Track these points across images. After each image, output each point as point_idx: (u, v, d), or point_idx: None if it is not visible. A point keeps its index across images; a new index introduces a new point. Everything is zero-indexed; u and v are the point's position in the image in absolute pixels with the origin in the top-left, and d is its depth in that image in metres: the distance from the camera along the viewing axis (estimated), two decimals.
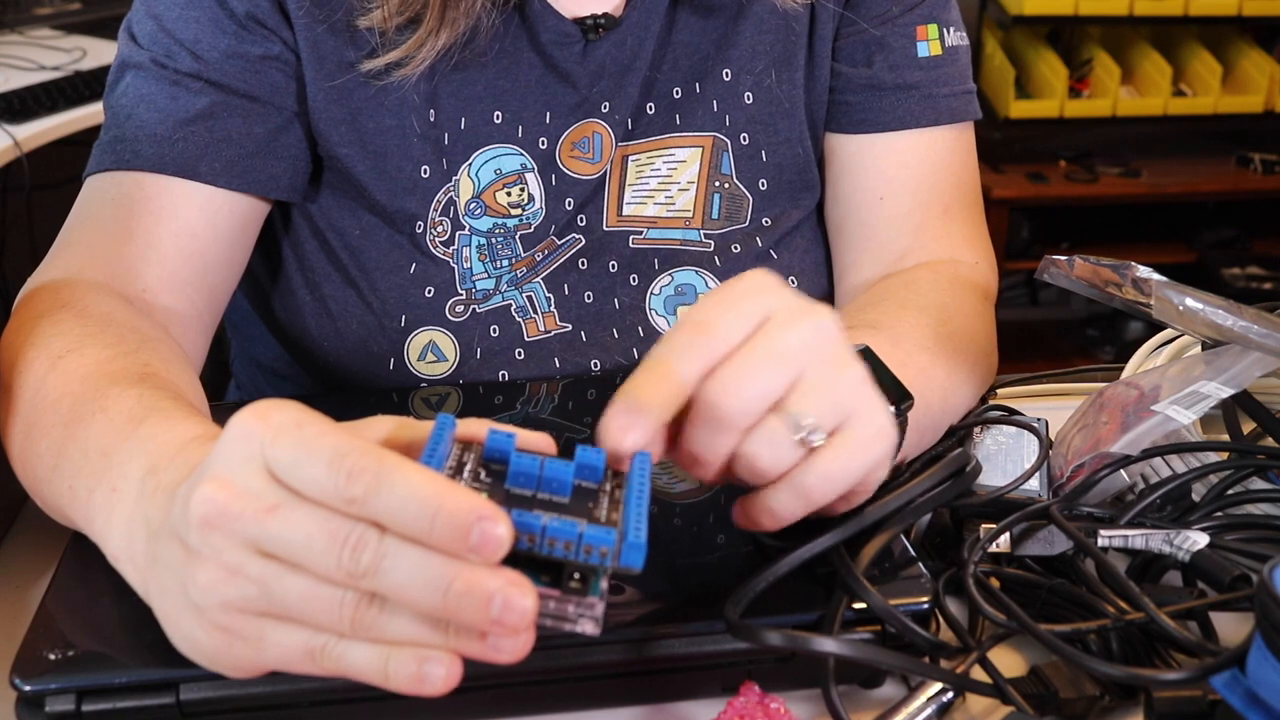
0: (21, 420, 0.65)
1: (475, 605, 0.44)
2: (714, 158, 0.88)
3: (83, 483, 0.58)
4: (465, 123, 0.84)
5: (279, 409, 0.47)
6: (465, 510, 0.44)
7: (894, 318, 0.77)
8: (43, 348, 0.67)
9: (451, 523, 0.44)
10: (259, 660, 0.47)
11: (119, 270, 0.77)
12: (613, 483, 0.52)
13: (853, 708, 0.57)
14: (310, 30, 0.81)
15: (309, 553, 0.45)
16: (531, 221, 0.86)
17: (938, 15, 0.90)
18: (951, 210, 0.90)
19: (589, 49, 0.84)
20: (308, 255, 0.87)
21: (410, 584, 0.44)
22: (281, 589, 0.46)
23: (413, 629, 0.45)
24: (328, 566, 0.45)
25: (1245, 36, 3.28)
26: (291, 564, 0.45)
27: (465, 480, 0.50)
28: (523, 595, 0.44)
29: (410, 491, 0.44)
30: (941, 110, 0.89)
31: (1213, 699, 0.52)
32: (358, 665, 0.46)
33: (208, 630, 0.47)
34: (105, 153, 0.80)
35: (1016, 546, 0.64)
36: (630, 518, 0.49)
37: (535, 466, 0.50)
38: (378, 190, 0.84)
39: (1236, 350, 0.69)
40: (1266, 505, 0.68)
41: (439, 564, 0.44)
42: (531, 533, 0.47)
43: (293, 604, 0.46)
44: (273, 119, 0.82)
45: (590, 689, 0.57)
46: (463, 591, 0.44)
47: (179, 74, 0.80)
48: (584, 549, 0.47)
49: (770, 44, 0.88)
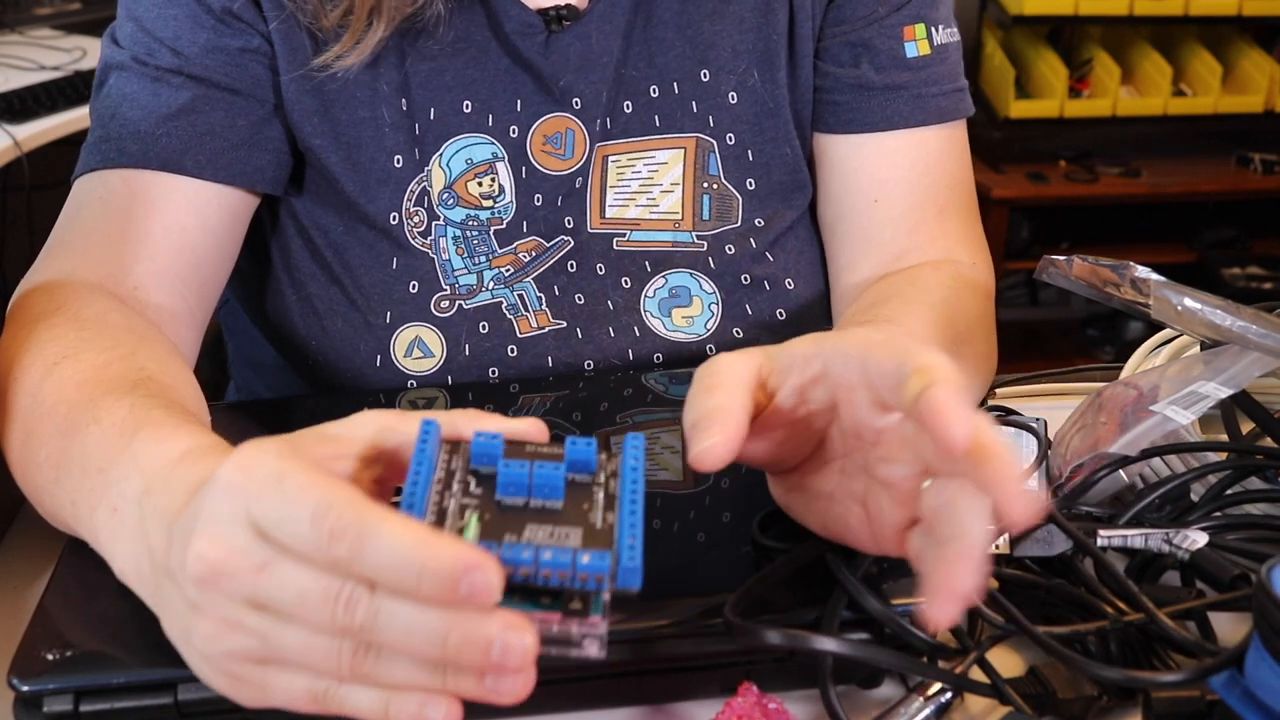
0: (20, 428, 0.65)
1: (474, 652, 0.44)
2: (700, 159, 0.88)
3: (84, 499, 0.58)
4: (435, 112, 0.84)
5: (260, 460, 0.46)
6: (451, 562, 0.43)
7: (904, 314, 0.77)
8: (38, 354, 0.66)
9: (439, 576, 0.43)
10: (266, 701, 0.48)
11: (110, 269, 0.77)
12: (607, 471, 0.51)
13: (851, 708, 0.57)
14: (282, 24, 0.81)
15: (303, 609, 0.45)
16: (503, 216, 0.86)
17: (925, 14, 0.89)
18: (946, 210, 0.89)
19: (552, 40, 0.84)
20: (293, 255, 0.87)
21: (408, 639, 0.45)
22: (279, 640, 0.46)
23: (411, 674, 0.46)
24: (322, 621, 0.45)
25: (1245, 36, 3.28)
26: (288, 616, 0.46)
27: (455, 494, 0.49)
28: (521, 636, 0.44)
29: (394, 548, 0.44)
30: (930, 110, 0.89)
31: (1211, 699, 0.52)
32: (360, 708, 0.47)
33: (214, 673, 0.48)
34: (91, 153, 0.81)
35: (1015, 547, 0.64)
36: (624, 534, 0.48)
37: (524, 475, 0.49)
38: (350, 181, 0.84)
39: (1235, 350, 0.69)
40: (1265, 505, 0.68)
41: (433, 617, 0.44)
42: (524, 566, 0.46)
43: (291, 653, 0.46)
44: (255, 111, 0.82)
45: (589, 689, 0.57)
46: (461, 642, 0.44)
47: (160, 70, 0.80)
48: (579, 577, 0.47)
49: (752, 43, 0.87)
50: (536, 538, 0.48)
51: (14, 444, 0.65)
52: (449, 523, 0.48)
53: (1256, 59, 3.22)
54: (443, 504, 0.49)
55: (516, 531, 0.48)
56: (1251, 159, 3.31)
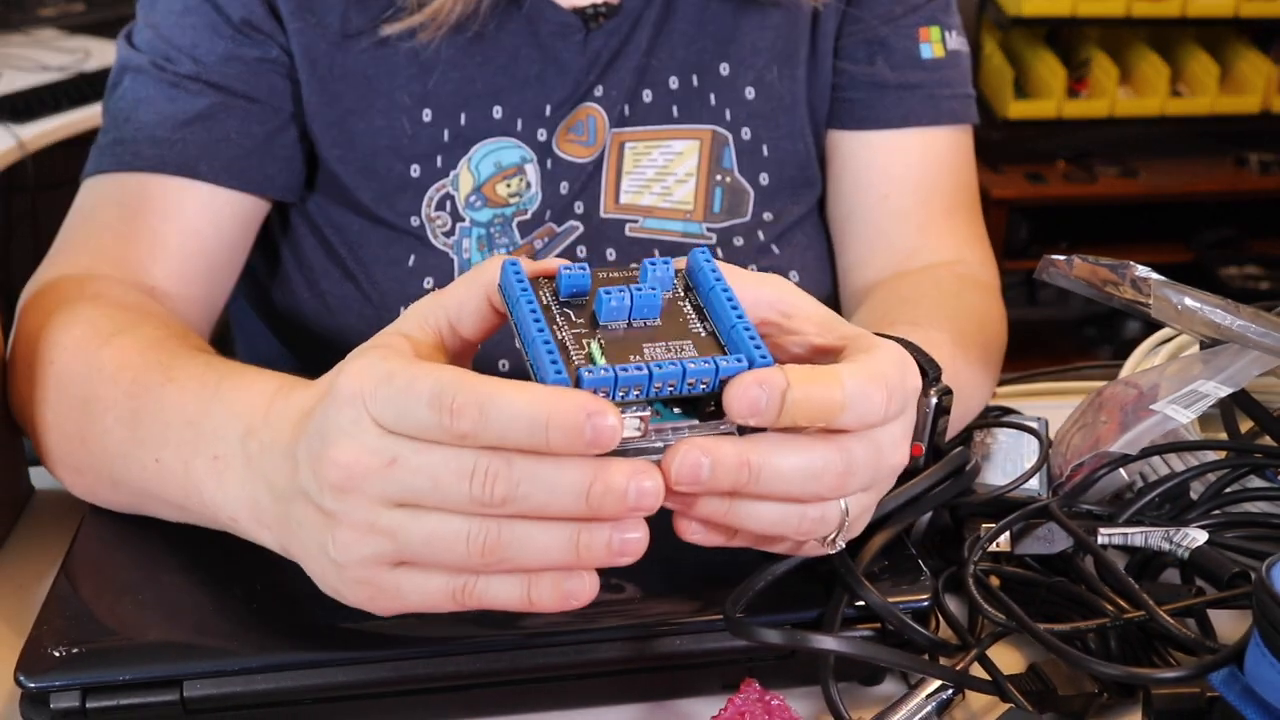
0: (72, 397, 0.65)
1: (615, 500, 0.45)
2: (714, 151, 0.88)
3: (172, 454, 0.59)
4: (465, 118, 0.84)
5: (368, 366, 0.48)
6: (574, 412, 0.44)
7: (930, 318, 0.77)
8: (90, 327, 0.67)
9: (564, 429, 0.44)
10: (402, 606, 0.49)
11: (129, 268, 0.77)
12: (681, 284, 0.52)
13: (853, 705, 0.57)
14: (302, 34, 0.82)
15: (439, 492, 0.46)
16: (528, 208, 0.86)
17: (940, 18, 0.90)
18: (954, 210, 0.90)
19: (590, 38, 0.85)
20: (305, 253, 0.87)
21: (550, 498, 0.46)
22: (417, 533, 0.47)
23: (545, 551, 0.47)
24: (460, 501, 0.46)
25: (1242, 37, 3.28)
26: (427, 508, 0.47)
27: (562, 326, 0.49)
28: (649, 477, 0.46)
29: (516, 409, 0.45)
30: (943, 111, 0.89)
31: (1211, 696, 0.53)
32: (499, 598, 0.48)
33: (350, 585, 0.49)
34: (104, 154, 0.81)
35: (1016, 545, 0.65)
36: (743, 337, 0.48)
37: (624, 299, 0.49)
38: (366, 190, 0.84)
39: (1234, 349, 0.69)
40: (1264, 503, 0.68)
41: (573, 470, 0.45)
42: (671, 379, 0.47)
43: (428, 549, 0.47)
44: (270, 120, 0.82)
45: (591, 686, 0.57)
46: (603, 491, 0.45)
47: (178, 76, 0.80)
48: (721, 380, 0.47)
49: (772, 40, 0.88)
50: (658, 355, 0.48)
51: (65, 414, 0.65)
52: (572, 354, 0.48)
53: (1253, 60, 3.22)
54: (559, 337, 0.49)
55: (637, 352, 0.48)
56: (1249, 159, 3.31)
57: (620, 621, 0.56)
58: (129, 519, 0.64)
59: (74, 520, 0.65)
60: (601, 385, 0.46)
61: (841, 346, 0.52)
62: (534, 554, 0.47)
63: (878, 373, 0.49)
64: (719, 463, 0.47)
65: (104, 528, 0.64)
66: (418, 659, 0.54)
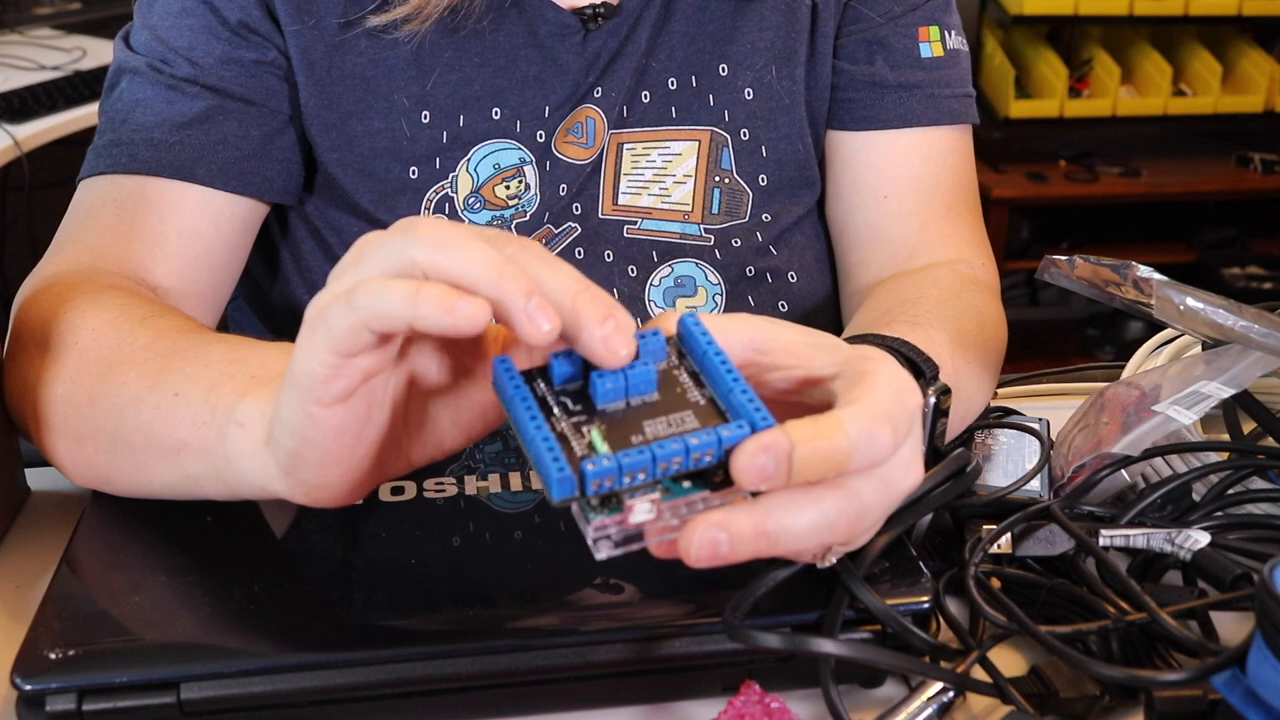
0: (95, 365, 0.64)
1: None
2: (713, 152, 0.88)
3: (197, 384, 0.59)
4: (464, 120, 0.84)
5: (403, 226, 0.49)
6: (606, 305, 0.48)
7: (931, 318, 0.77)
8: (121, 311, 0.67)
9: (592, 306, 0.47)
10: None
11: (129, 266, 0.77)
12: (674, 350, 0.51)
13: (853, 707, 0.57)
14: (300, 36, 0.82)
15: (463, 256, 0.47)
16: (527, 210, 0.86)
17: (940, 18, 0.90)
18: (954, 210, 0.90)
19: (589, 39, 0.84)
20: (305, 255, 0.87)
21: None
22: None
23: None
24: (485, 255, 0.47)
25: (1245, 36, 3.29)
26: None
27: (559, 417, 0.49)
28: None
29: (560, 269, 0.48)
30: (943, 111, 0.89)
31: (1213, 698, 0.52)
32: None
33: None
34: (101, 156, 0.80)
35: (1017, 547, 0.64)
36: (742, 401, 0.48)
37: (619, 379, 0.49)
38: (365, 192, 0.84)
39: (1237, 350, 0.69)
40: (1267, 505, 0.68)
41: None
42: (676, 457, 0.47)
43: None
44: (268, 122, 0.82)
45: (590, 688, 0.57)
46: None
47: (175, 79, 0.80)
48: (725, 450, 0.47)
49: (771, 41, 0.88)
50: (659, 432, 0.48)
51: (80, 383, 0.64)
52: (573, 444, 0.47)
53: (1256, 59, 3.22)
54: (558, 430, 0.48)
55: (639, 432, 0.48)
56: (1251, 159, 3.32)
57: (620, 623, 0.56)
58: (126, 520, 0.63)
59: (70, 522, 0.65)
60: (606, 475, 0.46)
61: (831, 374, 0.51)
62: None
63: (879, 411, 0.48)
64: (736, 537, 0.47)
65: (100, 529, 0.63)
66: (416, 661, 0.54)
